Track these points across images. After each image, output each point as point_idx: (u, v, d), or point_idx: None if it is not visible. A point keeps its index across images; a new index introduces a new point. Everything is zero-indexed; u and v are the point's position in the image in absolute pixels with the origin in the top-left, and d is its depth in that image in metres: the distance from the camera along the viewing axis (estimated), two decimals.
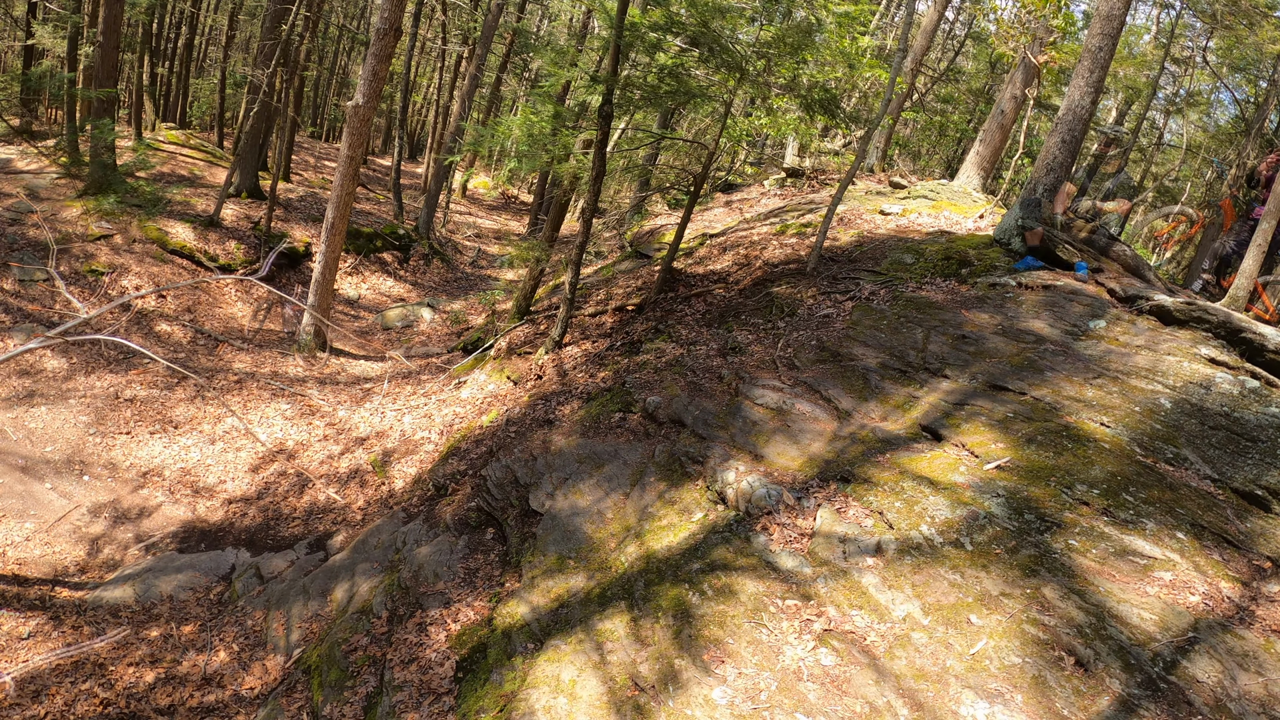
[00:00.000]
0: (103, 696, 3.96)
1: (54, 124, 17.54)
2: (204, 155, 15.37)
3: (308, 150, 22.60)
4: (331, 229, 8.32)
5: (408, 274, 14.26)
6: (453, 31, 20.51)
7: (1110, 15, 5.50)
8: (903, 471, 3.48)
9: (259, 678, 4.20)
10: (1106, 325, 4.39)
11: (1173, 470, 3.22)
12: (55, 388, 7.22)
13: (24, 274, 8.53)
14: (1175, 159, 21.76)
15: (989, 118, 10.03)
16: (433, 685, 3.47)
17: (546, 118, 6.38)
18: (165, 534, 5.82)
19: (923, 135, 19.77)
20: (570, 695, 2.92)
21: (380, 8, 7.48)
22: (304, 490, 6.42)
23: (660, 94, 5.90)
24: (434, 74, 28.22)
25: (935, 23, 12.52)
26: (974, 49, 20.16)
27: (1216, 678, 2.27)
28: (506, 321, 8.72)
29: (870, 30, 10.26)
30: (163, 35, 20.75)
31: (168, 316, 9.41)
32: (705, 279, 7.45)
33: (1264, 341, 3.98)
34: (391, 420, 7.51)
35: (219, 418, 7.48)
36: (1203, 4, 13.93)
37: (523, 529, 4.30)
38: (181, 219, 11.27)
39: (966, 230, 6.94)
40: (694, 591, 3.16)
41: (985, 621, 2.59)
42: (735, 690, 2.62)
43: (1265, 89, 15.35)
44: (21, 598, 4.81)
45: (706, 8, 5.53)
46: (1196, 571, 2.68)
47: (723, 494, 3.72)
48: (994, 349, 4.37)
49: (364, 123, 7.92)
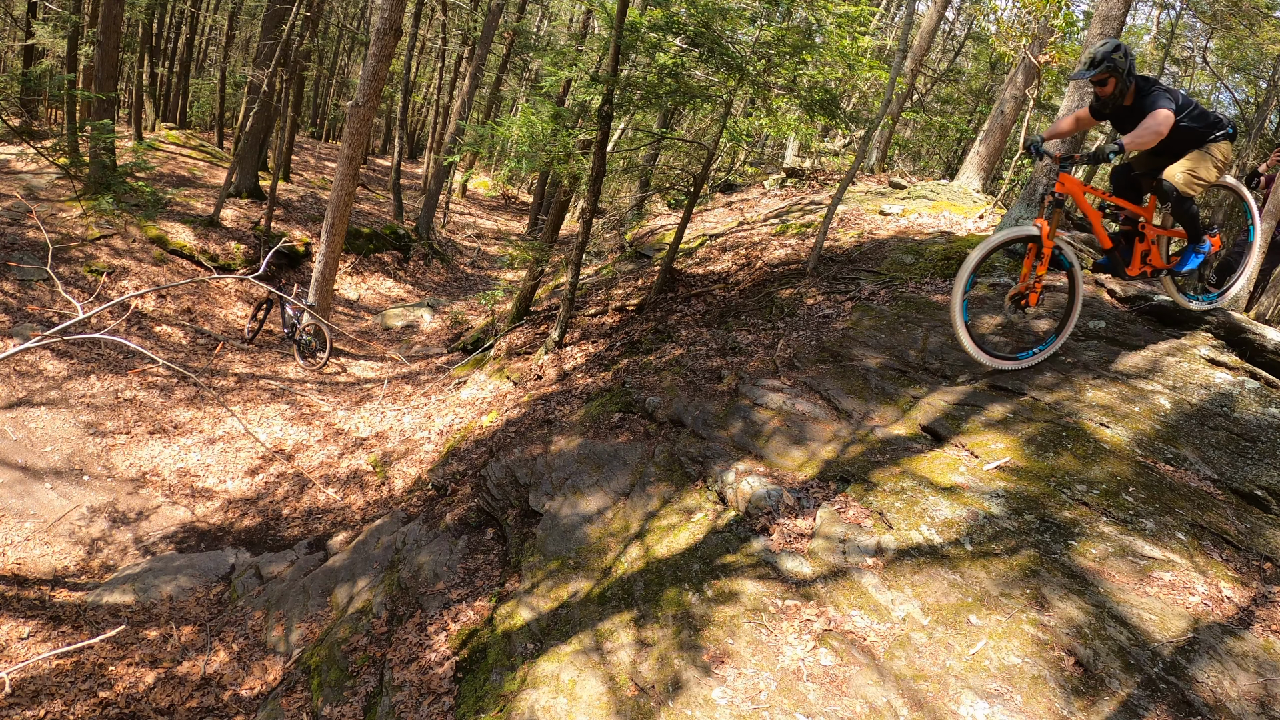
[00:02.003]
0: (102, 697, 3.96)
1: (53, 124, 17.54)
2: (204, 155, 15.37)
3: (308, 150, 22.60)
4: (331, 229, 8.32)
5: (407, 274, 14.25)
6: (453, 31, 20.52)
7: (1110, 16, 5.50)
8: (903, 472, 3.47)
9: (259, 678, 4.20)
10: (1107, 325, 4.39)
11: (1172, 470, 3.22)
12: (55, 388, 7.21)
13: (23, 275, 8.52)
14: None
15: (989, 118, 10.03)
16: (432, 685, 3.47)
17: (546, 118, 6.38)
18: (164, 535, 5.82)
19: (923, 135, 19.78)
20: (570, 696, 2.91)
21: (380, 8, 7.48)
22: (304, 491, 6.42)
23: (660, 94, 5.90)
24: (434, 74, 28.22)
25: (935, 23, 12.52)
26: (974, 49, 20.17)
27: (1216, 678, 2.27)
28: (506, 322, 8.72)
29: (870, 31, 10.26)
30: (163, 35, 20.75)
31: (167, 317, 9.41)
32: (705, 279, 7.44)
33: (1264, 341, 3.99)
34: (391, 421, 7.51)
35: (218, 418, 7.47)
36: (1203, 4, 13.94)
37: (523, 529, 4.30)
38: (181, 219, 11.27)
39: (967, 230, 6.94)
40: (694, 592, 3.16)
41: (985, 622, 2.59)
42: (735, 690, 2.62)
43: (1265, 89, 15.37)
44: (20, 598, 4.81)
45: (707, 8, 5.54)
46: (1196, 572, 2.68)
47: (723, 494, 3.72)
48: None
49: (364, 123, 7.92)
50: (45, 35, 12.91)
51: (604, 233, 12.12)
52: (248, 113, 13.56)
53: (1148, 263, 4.13)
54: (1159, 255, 4.16)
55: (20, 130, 11.26)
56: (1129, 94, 3.82)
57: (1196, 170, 3.82)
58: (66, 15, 12.30)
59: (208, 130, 21.78)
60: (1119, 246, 4.17)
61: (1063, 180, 3.85)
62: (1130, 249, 4.14)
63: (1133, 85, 3.80)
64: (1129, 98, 3.83)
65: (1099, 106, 3.96)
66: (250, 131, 13.06)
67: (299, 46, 13.16)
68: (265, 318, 9.75)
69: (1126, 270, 4.14)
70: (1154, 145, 3.70)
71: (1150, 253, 4.12)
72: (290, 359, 9.31)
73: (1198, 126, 3.82)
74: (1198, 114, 3.84)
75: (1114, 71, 3.71)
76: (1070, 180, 3.88)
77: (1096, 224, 4.05)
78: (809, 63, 6.15)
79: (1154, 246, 4.13)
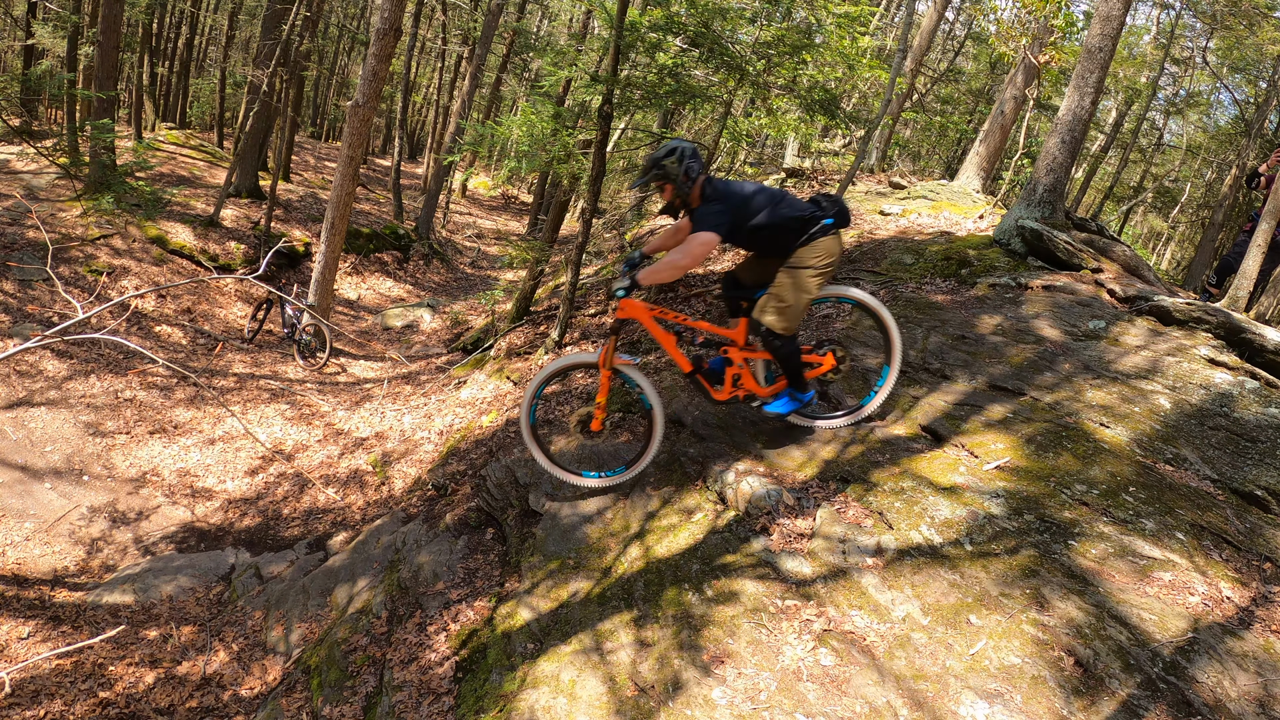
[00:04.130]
0: (102, 697, 3.96)
1: (53, 124, 17.55)
2: (204, 155, 15.37)
3: (308, 150, 22.60)
4: (331, 229, 8.32)
5: (407, 274, 14.25)
6: (453, 31, 20.51)
7: (1110, 16, 5.50)
8: (903, 472, 3.47)
9: (258, 678, 4.20)
10: (1106, 325, 4.39)
11: (1172, 470, 3.22)
12: (55, 388, 7.21)
13: (23, 275, 8.52)
14: (1175, 160, 21.78)
15: (989, 118, 10.03)
16: (432, 685, 3.47)
17: (546, 118, 6.38)
18: (164, 535, 5.82)
19: (923, 135, 19.78)
20: (570, 696, 2.91)
21: (380, 8, 7.48)
22: (304, 491, 6.42)
23: (660, 94, 5.90)
24: (434, 74, 28.23)
25: (935, 23, 12.52)
26: (974, 49, 20.17)
27: (1216, 678, 2.27)
28: (506, 322, 8.72)
29: (870, 31, 10.26)
30: (163, 35, 20.75)
31: (167, 317, 9.41)
32: (705, 279, 7.44)
33: (1264, 342, 3.99)
34: (391, 421, 7.50)
35: (218, 419, 7.47)
36: (1203, 4, 13.95)
37: (522, 529, 4.30)
38: (181, 219, 11.27)
39: (966, 231, 6.94)
40: (694, 592, 3.16)
41: (985, 622, 2.59)
42: (735, 690, 2.62)
43: (1265, 89, 15.38)
44: (20, 598, 4.81)
45: (707, 8, 5.54)
46: (1196, 572, 2.68)
47: (722, 494, 3.72)
48: (994, 349, 4.37)
49: (364, 123, 7.92)
50: (45, 35, 12.91)
51: (604, 233, 12.13)
52: (248, 113, 13.56)
53: (739, 387, 3.71)
54: (752, 380, 3.73)
55: (20, 130, 11.26)
56: (694, 198, 3.34)
57: (788, 299, 3.35)
58: (66, 15, 12.30)
59: (208, 130, 21.78)
60: (701, 369, 3.71)
61: (623, 305, 3.46)
62: (721, 371, 3.71)
63: (696, 189, 3.32)
64: (695, 201, 3.36)
65: (668, 209, 3.45)
66: (250, 131, 13.07)
67: (299, 46, 13.17)
68: (265, 318, 9.75)
69: (714, 396, 3.69)
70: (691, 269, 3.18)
71: (741, 377, 3.69)
72: (290, 359, 9.31)
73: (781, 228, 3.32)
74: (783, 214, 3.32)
75: (666, 179, 3.26)
76: (632, 304, 3.47)
77: (670, 347, 3.62)
78: (809, 63, 6.15)
79: (744, 370, 3.68)
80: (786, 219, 3.33)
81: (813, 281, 3.39)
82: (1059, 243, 5.29)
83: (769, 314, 3.42)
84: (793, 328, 3.45)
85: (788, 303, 3.38)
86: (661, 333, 3.62)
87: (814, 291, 3.42)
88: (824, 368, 3.80)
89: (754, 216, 3.32)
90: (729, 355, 3.70)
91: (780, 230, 3.36)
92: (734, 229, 3.32)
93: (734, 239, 3.42)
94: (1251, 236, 4.84)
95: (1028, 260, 5.53)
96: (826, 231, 3.37)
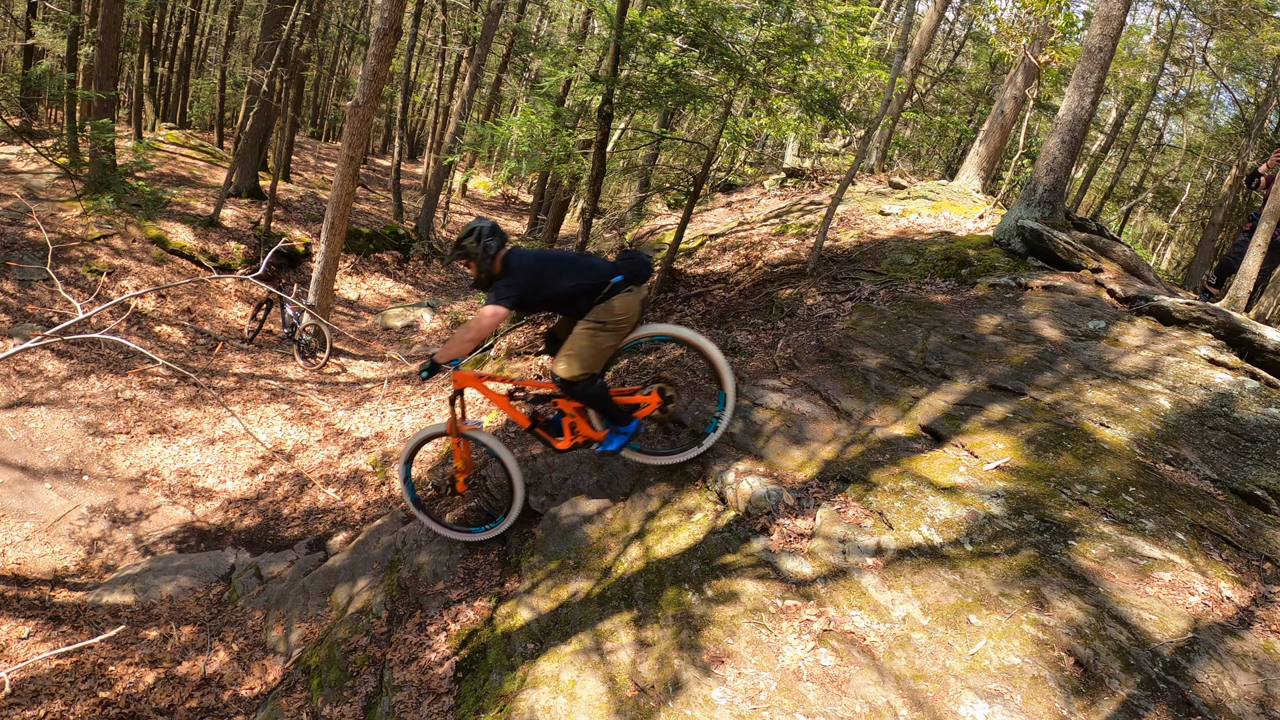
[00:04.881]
0: (102, 697, 3.96)
1: (53, 124, 17.55)
2: (204, 155, 15.37)
3: (308, 150, 22.61)
4: (331, 229, 8.32)
5: (407, 274, 14.25)
6: (453, 31, 20.52)
7: (1110, 16, 5.50)
8: (903, 472, 3.47)
9: (258, 678, 4.20)
10: (1106, 325, 4.39)
11: (1172, 470, 3.22)
12: (55, 388, 7.21)
13: (23, 275, 8.52)
14: (1175, 160, 21.78)
15: (989, 118, 10.03)
16: (432, 685, 3.47)
17: (546, 118, 6.38)
18: (164, 535, 5.82)
19: (923, 136, 19.78)
20: (570, 696, 2.91)
21: (380, 8, 7.48)
22: (304, 491, 6.41)
23: (660, 94, 5.90)
24: (434, 74, 28.23)
25: (935, 23, 12.52)
26: (974, 49, 20.18)
27: (1216, 678, 2.27)
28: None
29: (870, 31, 10.26)
30: (163, 35, 20.75)
31: (167, 317, 9.41)
32: (705, 279, 7.44)
33: (1264, 342, 3.99)
34: (391, 421, 7.50)
35: (218, 419, 7.47)
36: (1203, 4, 13.95)
37: (522, 529, 4.30)
38: (181, 219, 11.28)
39: (966, 231, 6.94)
40: (694, 592, 3.16)
41: (985, 622, 2.59)
42: (735, 690, 2.62)
43: (1265, 89, 15.37)
44: (20, 598, 4.81)
45: (707, 8, 5.53)
46: (1196, 572, 2.68)
47: (723, 494, 3.72)
48: (994, 349, 4.37)
49: (364, 123, 7.91)
50: (45, 35, 12.91)
51: (604, 233, 12.13)
52: (248, 113, 13.56)
53: (577, 434, 3.94)
54: (587, 426, 3.93)
55: (20, 130, 11.26)
56: (496, 271, 3.60)
57: (580, 354, 3.58)
58: (66, 15, 12.30)
59: (208, 130, 21.78)
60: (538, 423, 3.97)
61: (456, 377, 3.81)
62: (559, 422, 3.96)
63: (498, 263, 3.58)
64: (498, 273, 3.61)
65: (476, 284, 3.69)
66: (250, 131, 13.07)
67: (299, 46, 13.16)
68: (265, 318, 9.75)
69: (557, 446, 3.94)
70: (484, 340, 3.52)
71: (578, 424, 3.91)
72: (290, 359, 9.31)
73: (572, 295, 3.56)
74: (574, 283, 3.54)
75: (467, 256, 3.56)
76: (464, 375, 3.80)
77: (505, 407, 3.91)
78: (809, 63, 6.14)
79: (579, 418, 3.91)
80: (577, 287, 3.58)
81: (604, 336, 3.60)
82: (1059, 243, 5.29)
83: (560, 364, 3.65)
84: (586, 373, 3.64)
85: (575, 352, 3.61)
86: (494, 395, 3.89)
87: (606, 343, 3.63)
88: (650, 407, 3.97)
89: (545, 287, 3.56)
90: (560, 406, 3.92)
91: (571, 297, 3.60)
92: (524, 300, 3.55)
93: (529, 307, 3.68)
94: (1251, 236, 4.84)
95: (1028, 260, 5.53)
96: (618, 290, 3.58)
